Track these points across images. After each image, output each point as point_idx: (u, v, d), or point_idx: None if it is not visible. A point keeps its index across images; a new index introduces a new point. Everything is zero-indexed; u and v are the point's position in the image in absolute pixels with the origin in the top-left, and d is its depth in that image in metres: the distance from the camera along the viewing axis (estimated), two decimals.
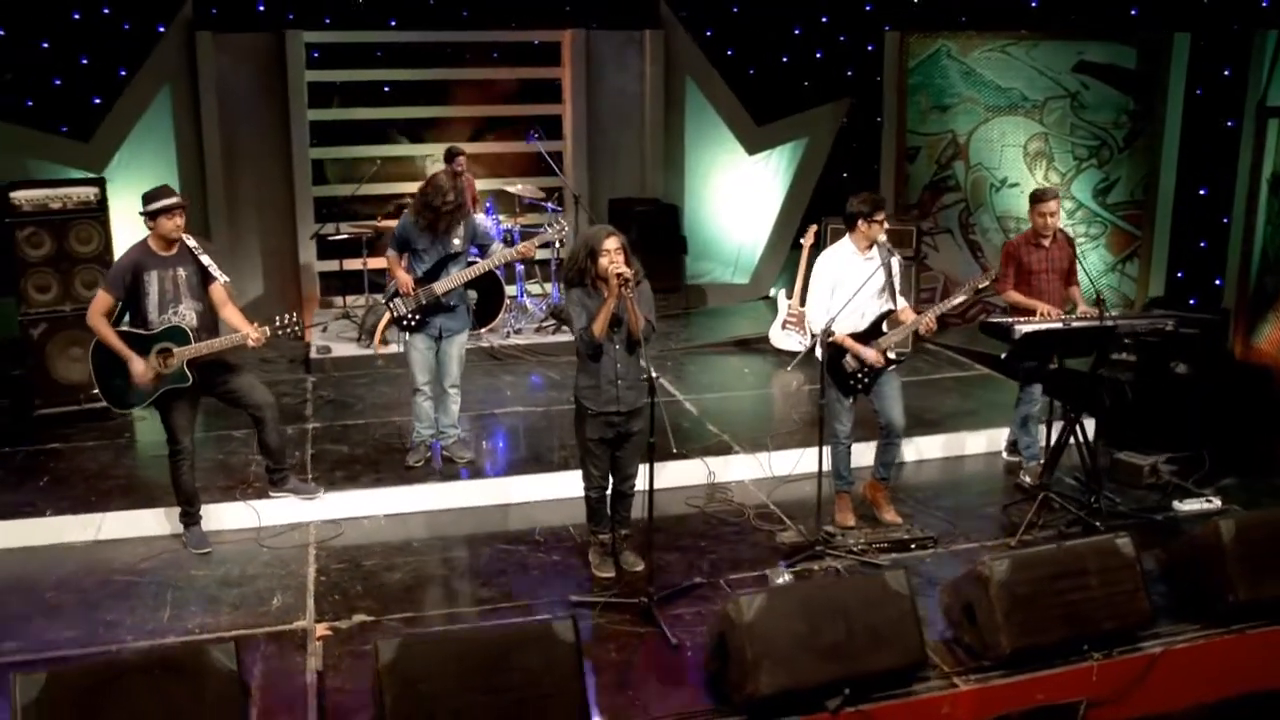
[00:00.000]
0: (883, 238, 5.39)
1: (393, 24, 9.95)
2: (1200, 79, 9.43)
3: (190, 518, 5.57)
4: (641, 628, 4.73)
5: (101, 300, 5.22)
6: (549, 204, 9.20)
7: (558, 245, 8.46)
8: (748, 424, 6.97)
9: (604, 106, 10.61)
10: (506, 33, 10.33)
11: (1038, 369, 6.10)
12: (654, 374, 4.68)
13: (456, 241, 6.06)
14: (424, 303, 6.09)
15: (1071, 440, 5.71)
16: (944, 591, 4.68)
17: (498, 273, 8.52)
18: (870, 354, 5.40)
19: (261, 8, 9.53)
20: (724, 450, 6.55)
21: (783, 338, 8.51)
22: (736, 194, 10.90)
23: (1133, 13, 9.58)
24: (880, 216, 5.37)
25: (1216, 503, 5.96)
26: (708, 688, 4.23)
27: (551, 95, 10.63)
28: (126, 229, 8.17)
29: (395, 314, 6.19)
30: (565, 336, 8.83)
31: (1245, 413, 7.25)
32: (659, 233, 9.99)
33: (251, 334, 5.35)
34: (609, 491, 5.23)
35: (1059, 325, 5.58)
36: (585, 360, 4.99)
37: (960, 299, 5.68)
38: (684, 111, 10.74)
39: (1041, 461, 6.02)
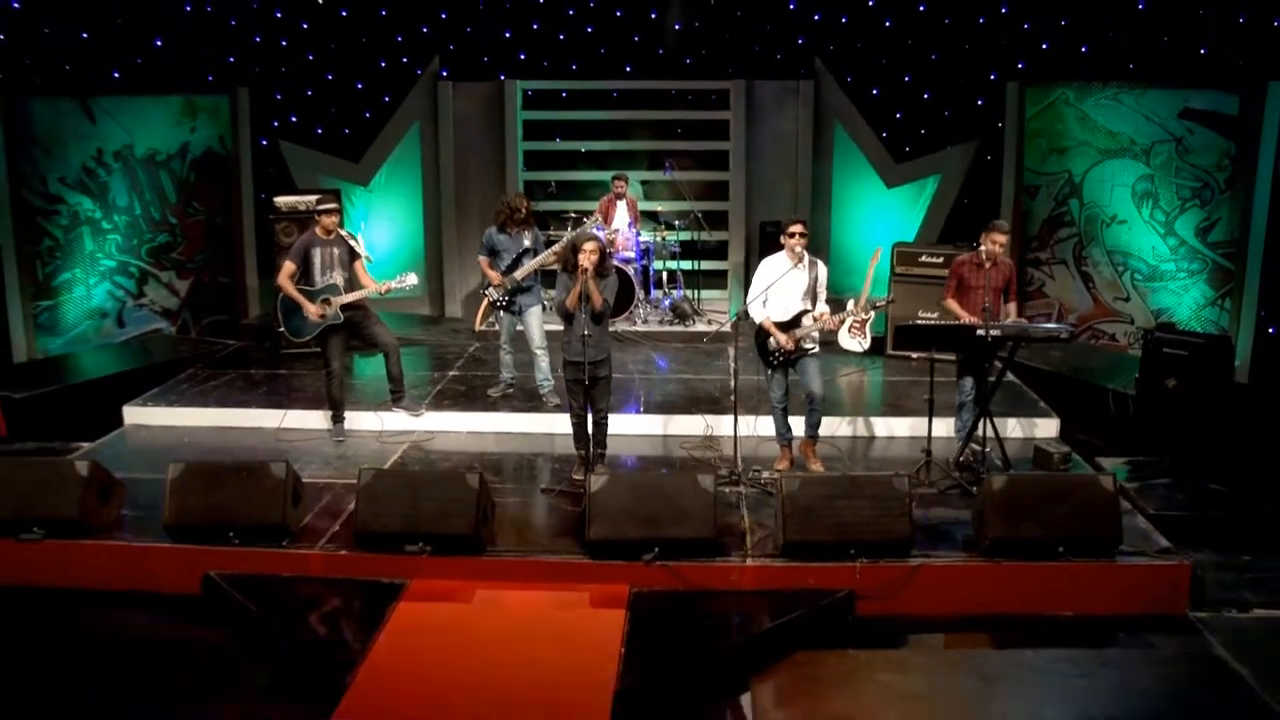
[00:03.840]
0: (799, 247, 7.08)
1: (628, 69, 12.42)
2: None
3: (336, 419, 8.30)
4: (573, 507, 6.81)
5: (287, 268, 8.02)
6: (677, 220, 11.35)
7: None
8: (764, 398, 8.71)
9: (763, 144, 12.57)
10: (682, 82, 12.56)
11: (966, 364, 7.47)
12: (587, 334, 6.81)
13: (526, 241, 8.43)
14: (509, 289, 8.49)
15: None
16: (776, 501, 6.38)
17: (631, 274, 10.83)
18: (781, 338, 7.12)
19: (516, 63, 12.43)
20: (726, 412, 8.37)
21: (848, 340, 10.04)
22: (878, 221, 12.43)
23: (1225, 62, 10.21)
24: (790, 231, 7.07)
25: None
26: (575, 536, 6.28)
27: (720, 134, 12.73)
28: (381, 226, 11.34)
29: (491, 300, 8.63)
30: (679, 328, 10.97)
31: (1221, 426, 8.01)
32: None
33: (380, 287, 7.96)
34: (588, 420, 7.32)
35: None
36: (565, 323, 7.15)
37: (851, 313, 7.25)
38: (832, 149, 12.46)
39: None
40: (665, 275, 11.76)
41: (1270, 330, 10.21)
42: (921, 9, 11.82)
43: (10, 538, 6.29)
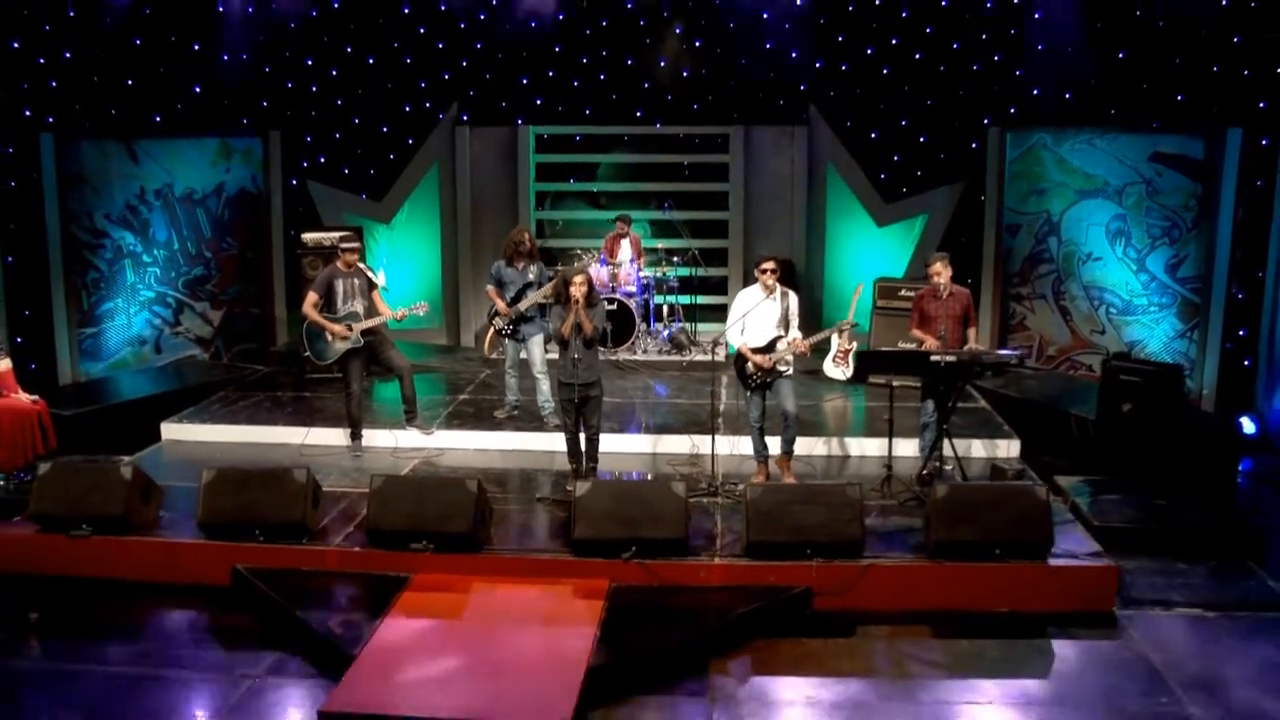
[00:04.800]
0: (770, 281, 7.80)
1: (638, 115, 13.19)
2: (1255, 170, 10.57)
3: (355, 435, 9.07)
4: (565, 514, 7.50)
5: (311, 297, 8.84)
6: (676, 257, 12.13)
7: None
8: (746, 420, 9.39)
9: (761, 185, 13.35)
10: (687, 127, 13.37)
11: (927, 388, 8.13)
12: (577, 357, 7.55)
13: (531, 275, 9.20)
14: (513, 318, 9.25)
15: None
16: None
17: (632, 306, 11.59)
18: (759, 360, 7.83)
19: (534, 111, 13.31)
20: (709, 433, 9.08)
21: (832, 369, 10.73)
22: (869, 258, 13.12)
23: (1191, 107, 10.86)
24: (762, 267, 7.79)
25: None
26: (564, 538, 6.99)
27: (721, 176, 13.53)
28: (401, 261, 12.14)
29: (497, 328, 9.39)
30: (676, 358, 11.70)
31: (1170, 446, 8.61)
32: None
33: (396, 314, 8.76)
34: (581, 436, 8.04)
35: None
36: (561, 350, 7.89)
37: (822, 336, 7.98)
38: (825, 190, 13.19)
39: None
40: (665, 308, 12.51)
41: (1246, 362, 10.78)
42: (918, 56, 12.55)
43: (62, 533, 7.09)
